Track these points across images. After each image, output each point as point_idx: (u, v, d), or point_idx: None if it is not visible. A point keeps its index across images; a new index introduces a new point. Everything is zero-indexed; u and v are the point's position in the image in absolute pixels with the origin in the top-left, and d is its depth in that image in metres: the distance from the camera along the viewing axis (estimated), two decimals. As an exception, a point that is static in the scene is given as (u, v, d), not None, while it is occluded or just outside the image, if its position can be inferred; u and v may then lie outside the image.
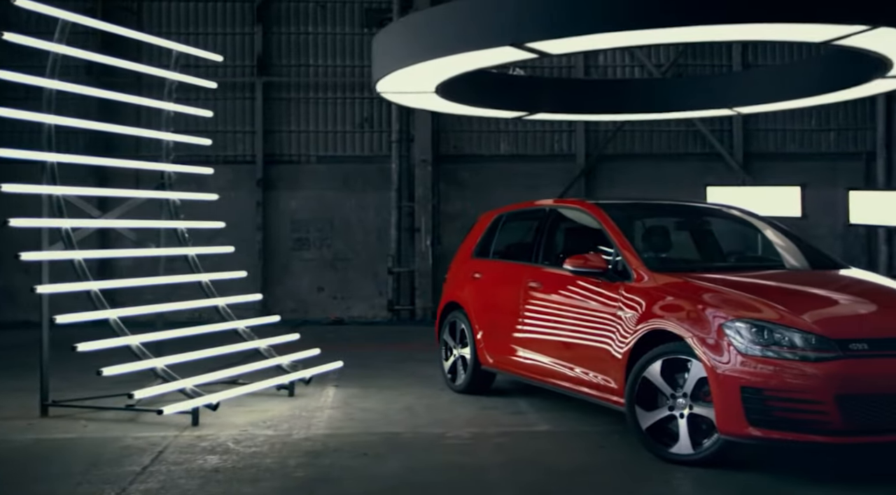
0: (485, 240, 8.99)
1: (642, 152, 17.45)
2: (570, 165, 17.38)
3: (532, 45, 6.99)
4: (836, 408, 5.61)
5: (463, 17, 7.31)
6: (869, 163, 17.33)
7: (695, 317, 6.15)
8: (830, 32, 6.93)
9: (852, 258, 17.15)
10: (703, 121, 16.92)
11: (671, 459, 6.20)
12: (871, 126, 17.24)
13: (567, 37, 6.75)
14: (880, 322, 6.08)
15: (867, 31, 6.74)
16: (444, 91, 9.34)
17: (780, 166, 17.20)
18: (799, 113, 17.31)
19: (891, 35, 6.95)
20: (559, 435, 7.21)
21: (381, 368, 10.59)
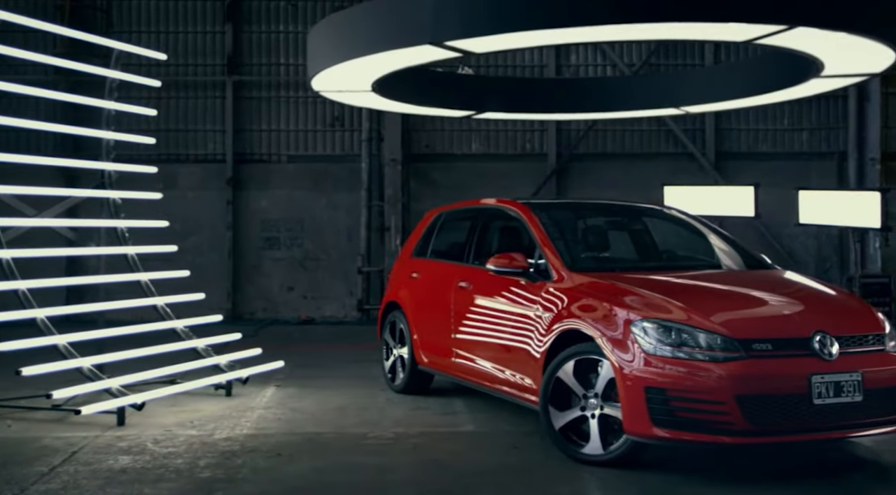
0: (424, 239, 8.98)
1: (614, 151, 17.39)
2: (542, 165, 17.33)
3: (452, 44, 6.95)
4: (737, 409, 5.60)
5: (383, 15, 7.29)
6: (841, 163, 17.27)
7: (605, 318, 6.14)
8: (751, 32, 6.90)
9: (824, 257, 17.16)
10: (676, 120, 16.89)
11: (582, 460, 6.20)
12: (843, 126, 17.19)
13: (485, 35, 6.72)
14: (786, 322, 6.06)
15: (785, 31, 6.71)
16: (384, 89, 9.31)
17: (753, 166, 17.14)
18: (771, 112, 17.28)
19: (811, 35, 6.92)
20: (480, 435, 7.19)
21: (332, 368, 10.58)
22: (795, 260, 16.90)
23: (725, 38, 7.61)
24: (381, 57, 7.42)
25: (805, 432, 5.78)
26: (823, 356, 5.81)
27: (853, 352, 5.94)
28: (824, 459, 6.45)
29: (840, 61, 7.96)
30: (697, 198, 11.46)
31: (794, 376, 5.71)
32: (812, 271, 17.04)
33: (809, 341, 5.84)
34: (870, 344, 6.08)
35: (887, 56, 7.67)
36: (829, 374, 5.75)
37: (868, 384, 5.84)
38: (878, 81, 16.78)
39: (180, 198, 16.89)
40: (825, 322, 6.02)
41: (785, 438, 5.79)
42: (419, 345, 8.48)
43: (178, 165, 16.96)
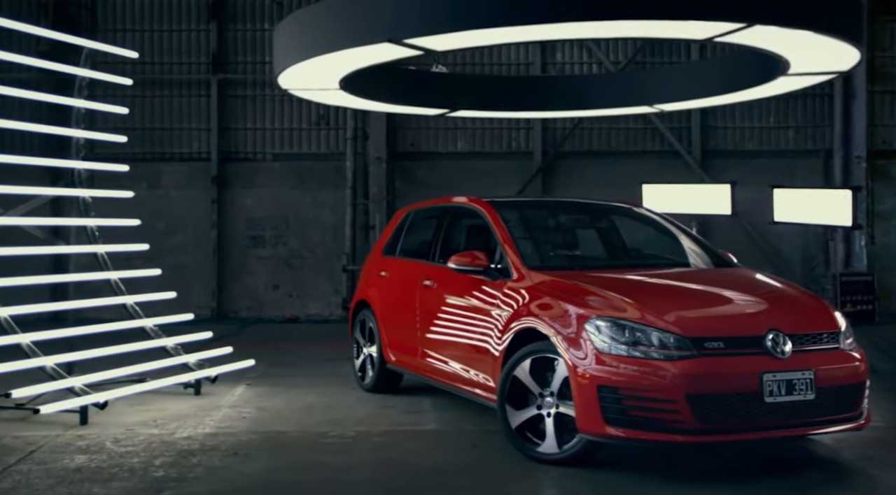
0: (394, 237, 8.97)
1: (600, 150, 17.39)
2: (527, 163, 17.33)
3: (412, 42, 6.94)
4: (688, 407, 5.59)
5: (344, 12, 7.27)
6: (827, 161, 17.25)
7: (560, 316, 6.13)
8: (710, 30, 6.89)
9: (811, 255, 17.12)
10: (662, 118, 16.88)
11: (538, 458, 6.19)
12: (829, 124, 17.17)
13: (443, 33, 6.70)
14: (740, 321, 6.06)
15: (744, 29, 6.70)
16: (353, 87, 9.30)
17: (739, 164, 17.14)
18: (757, 110, 17.27)
19: (770, 34, 6.91)
20: (442, 434, 7.18)
21: (306, 367, 10.57)
22: (782, 258, 16.89)
23: (686, 36, 7.60)
24: (343, 54, 7.40)
25: (757, 430, 5.77)
26: (776, 354, 5.80)
27: (806, 350, 5.93)
28: (782, 457, 6.43)
29: (805, 59, 7.95)
30: (675, 196, 11.44)
31: (746, 374, 5.70)
32: (798, 269, 17.04)
33: (762, 339, 5.83)
34: (824, 342, 6.07)
35: (852, 54, 7.66)
36: (781, 372, 5.74)
37: (821, 382, 5.83)
38: (863, 79, 16.79)
39: (165, 197, 16.93)
40: (779, 320, 6.01)
41: (736, 436, 5.78)
42: (387, 344, 8.47)
43: (162, 164, 16.99)
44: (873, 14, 16.92)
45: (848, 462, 6.32)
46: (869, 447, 6.63)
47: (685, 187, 11.50)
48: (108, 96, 16.52)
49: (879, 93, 17.15)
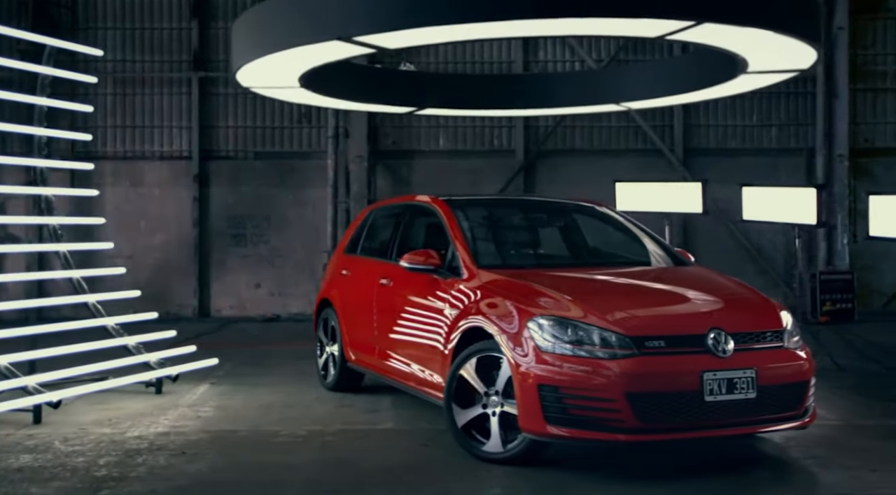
0: (356, 235, 8.96)
1: (582, 148, 17.35)
2: (510, 161, 17.29)
3: (362, 40, 6.91)
4: (628, 406, 5.58)
5: (295, 9, 7.24)
6: (810, 160, 17.20)
7: (505, 314, 6.12)
8: (661, 28, 6.87)
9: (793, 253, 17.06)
10: (644, 117, 16.86)
11: (484, 457, 6.18)
12: (811, 122, 17.12)
13: (391, 31, 6.68)
14: (682, 320, 6.06)
15: (693, 26, 6.68)
16: (315, 85, 9.27)
17: (721, 162, 17.11)
18: (740, 109, 17.26)
19: (720, 31, 6.89)
20: (396, 433, 7.17)
21: (276, 365, 10.54)
22: (763, 256, 16.87)
23: (638, 34, 7.59)
24: (295, 52, 7.38)
25: (697, 429, 5.76)
26: (717, 353, 5.78)
27: (749, 348, 5.92)
28: (729, 455, 6.43)
29: (761, 58, 7.93)
30: (648, 194, 11.42)
31: (686, 373, 5.69)
32: (780, 266, 17.03)
33: (704, 338, 5.82)
34: (767, 340, 6.05)
35: (808, 52, 7.64)
36: (722, 371, 5.73)
37: (762, 380, 5.82)
38: (846, 77, 16.77)
39: (147, 195, 16.94)
40: (722, 319, 6.00)
41: (677, 435, 5.77)
42: (347, 343, 8.47)
43: (144, 162, 16.98)
44: (855, 12, 16.90)
45: (793, 460, 6.31)
46: (817, 445, 6.62)
47: (658, 185, 11.48)
48: (89, 95, 16.59)
49: (862, 91, 17.11)
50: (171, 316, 16.44)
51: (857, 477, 5.84)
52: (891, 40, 17.14)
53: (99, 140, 16.76)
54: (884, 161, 17.13)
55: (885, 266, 16.68)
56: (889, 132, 17.21)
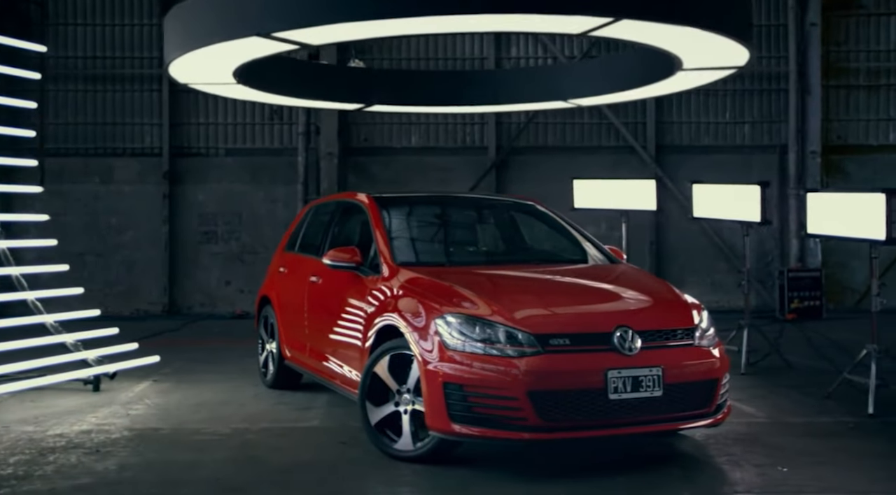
0: (295, 233, 8.95)
1: (555, 145, 17.29)
2: (482, 158, 17.24)
3: (281, 35, 6.87)
4: (530, 404, 5.55)
5: (215, 5, 7.19)
6: (783, 157, 17.14)
7: (415, 312, 6.10)
8: (582, 24, 6.82)
9: (766, 251, 17.02)
10: (617, 113, 16.83)
11: (395, 455, 6.16)
12: (784, 119, 17.06)
13: (309, 27, 6.63)
14: (589, 318, 6.02)
15: (612, 23, 6.63)
16: (255, 82, 9.23)
17: (694, 159, 17.06)
18: (713, 106, 17.20)
19: (643, 28, 6.84)
20: (319, 431, 7.14)
21: (226, 363, 10.49)
22: (735, 254, 16.79)
23: (561, 30, 7.54)
24: (218, 49, 7.33)
25: (602, 427, 5.74)
26: (623, 351, 5.75)
27: (656, 346, 5.88)
28: (643, 453, 6.40)
29: (693, 55, 7.88)
30: (604, 191, 11.37)
31: (590, 371, 5.65)
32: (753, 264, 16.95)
33: (610, 336, 5.79)
34: (678, 338, 6.02)
35: (739, 49, 7.59)
36: (627, 369, 5.69)
37: (670, 378, 5.78)
38: (818, 74, 16.69)
39: (117, 193, 16.89)
40: (630, 317, 5.97)
41: (581, 434, 5.74)
42: (284, 341, 8.45)
43: (114, 159, 16.93)
44: (828, 9, 16.83)
45: (707, 458, 6.28)
46: (736, 443, 6.59)
47: (614, 182, 11.43)
48: (60, 91, 16.60)
49: (835, 88, 17.03)
50: (141, 313, 16.47)
51: (765, 475, 5.81)
52: (864, 37, 17.06)
53: (69, 136, 16.75)
54: (856, 158, 17.06)
55: (857, 263, 16.59)
56: (862, 129, 17.13)
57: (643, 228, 16.60)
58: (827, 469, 5.92)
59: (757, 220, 9.31)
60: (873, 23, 17.06)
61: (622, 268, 7.23)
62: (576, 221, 8.02)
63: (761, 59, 17.14)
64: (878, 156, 17.03)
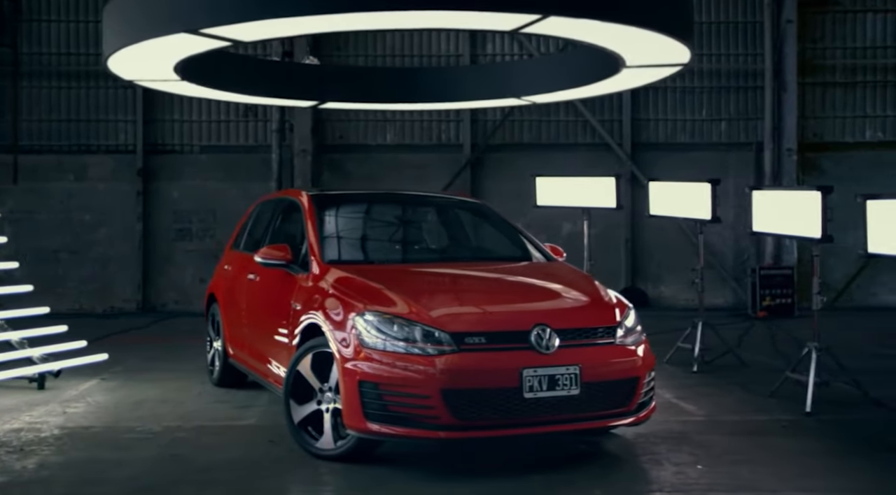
0: (241, 231, 8.92)
1: (531, 142, 17.25)
2: (457, 156, 17.20)
3: (210, 32, 6.83)
4: (443, 403, 5.52)
5: (145, 2, 7.14)
6: (759, 154, 17.09)
7: (335, 310, 6.08)
8: (512, 21, 6.79)
9: (742, 249, 16.97)
10: (593, 111, 16.79)
11: (317, 454, 6.15)
12: (760, 116, 17.00)
13: (237, 23, 6.59)
14: (507, 316, 6.00)
15: (541, 20, 6.59)
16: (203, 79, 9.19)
17: (671, 157, 17.01)
18: (689, 103, 17.15)
19: (575, 24, 6.80)
20: (252, 429, 7.10)
21: (180, 360, 10.45)
22: (711, 251, 16.76)
23: (491, 27, 7.50)
24: (150, 46, 7.28)
25: (517, 426, 5.71)
26: (540, 349, 5.71)
27: (575, 345, 5.84)
28: (566, 452, 6.37)
29: (633, 51, 7.84)
30: (566, 188, 11.33)
31: (504, 370, 5.62)
32: (729, 262, 16.96)
33: (528, 334, 5.75)
34: (598, 337, 5.98)
35: (676, 45, 7.54)
36: (544, 368, 5.66)
37: (588, 377, 5.75)
38: (794, 72, 16.64)
39: (91, 189, 16.86)
40: (550, 316, 5.93)
41: (495, 432, 5.71)
42: (227, 338, 8.43)
43: (88, 156, 16.90)
44: (804, 6, 16.77)
45: (630, 456, 6.26)
46: (664, 441, 6.57)
47: (575, 180, 11.38)
48: (34, 88, 16.58)
49: (811, 85, 16.98)
50: (116, 310, 16.46)
51: (682, 474, 5.78)
52: (840, 34, 17.00)
53: (43, 133, 16.72)
54: (832, 155, 17.00)
55: (833, 261, 16.54)
56: (838, 127, 17.07)
57: (618, 226, 16.58)
58: (744, 467, 5.89)
59: (708, 218, 9.26)
60: (849, 20, 16.99)
61: (555, 267, 7.19)
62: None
63: (738, 57, 17.12)
64: (854, 153, 16.97)
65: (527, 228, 16.86)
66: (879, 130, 17.02)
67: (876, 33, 16.96)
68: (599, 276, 16.79)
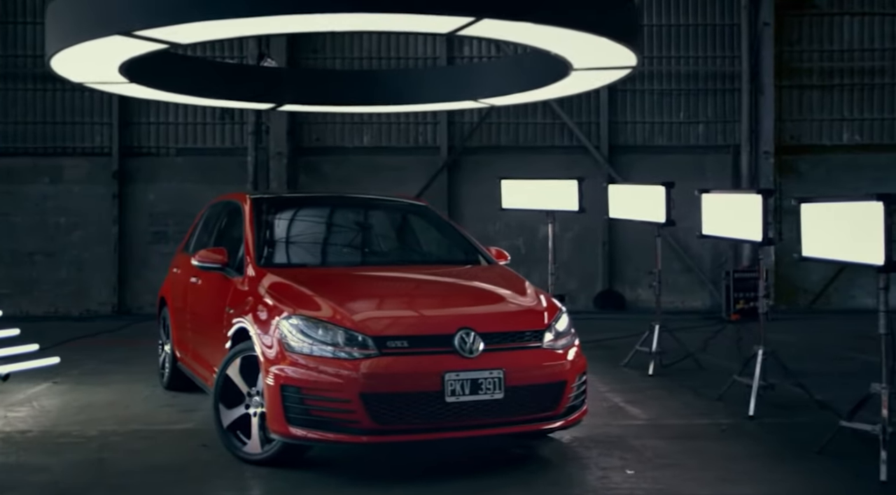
0: (191, 234, 8.89)
1: (508, 145, 17.20)
2: (434, 158, 17.16)
3: (145, 34, 6.79)
4: (363, 407, 5.49)
5: (80, 4, 7.11)
6: (736, 157, 17.05)
7: (263, 314, 6.04)
8: (447, 24, 6.75)
9: (720, 252, 16.93)
10: (570, 113, 16.76)
11: (245, 458, 6.12)
12: (738, 119, 16.96)
13: (172, 25, 6.55)
14: (430, 320, 5.95)
15: (475, 22, 6.55)
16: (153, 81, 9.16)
17: (648, 159, 16.97)
18: (667, 106, 17.11)
19: (508, 27, 6.77)
20: (187, 433, 7.06)
21: (139, 364, 10.38)
22: (690, 254, 16.75)
23: (427, 30, 7.47)
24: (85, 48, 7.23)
25: (438, 430, 5.66)
26: (464, 353, 5.67)
27: (500, 348, 5.79)
28: (496, 456, 6.33)
29: (578, 54, 7.80)
30: (531, 191, 11.30)
31: (426, 374, 5.59)
32: (707, 265, 16.92)
33: (452, 338, 5.71)
34: (525, 340, 5.94)
35: (619, 48, 7.50)
36: (466, 372, 5.62)
37: (512, 381, 5.71)
38: (771, 74, 16.59)
39: (66, 192, 16.83)
40: (475, 319, 5.89)
41: (416, 437, 5.68)
42: (175, 342, 8.39)
43: (64, 158, 16.88)
44: (781, 8, 16.73)
45: (560, 461, 6.24)
46: (599, 445, 6.54)
47: (539, 183, 11.34)
48: (10, 90, 16.57)
49: (787, 88, 16.93)
50: (91, 313, 16.42)
51: (606, 478, 5.75)
52: (817, 37, 16.95)
53: (18, 136, 16.71)
54: (809, 158, 16.96)
55: (811, 264, 16.41)
56: (815, 129, 17.03)
57: (595, 229, 16.54)
58: (669, 472, 5.85)
59: (662, 221, 9.22)
60: (826, 23, 16.94)
61: (491, 271, 7.12)
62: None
63: (715, 59, 17.09)
64: (831, 156, 16.92)
65: (504, 230, 17.08)
66: (857, 133, 16.97)
67: (853, 36, 16.91)
68: (576, 279, 16.88)
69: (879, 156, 16.81)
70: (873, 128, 16.97)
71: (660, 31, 17.06)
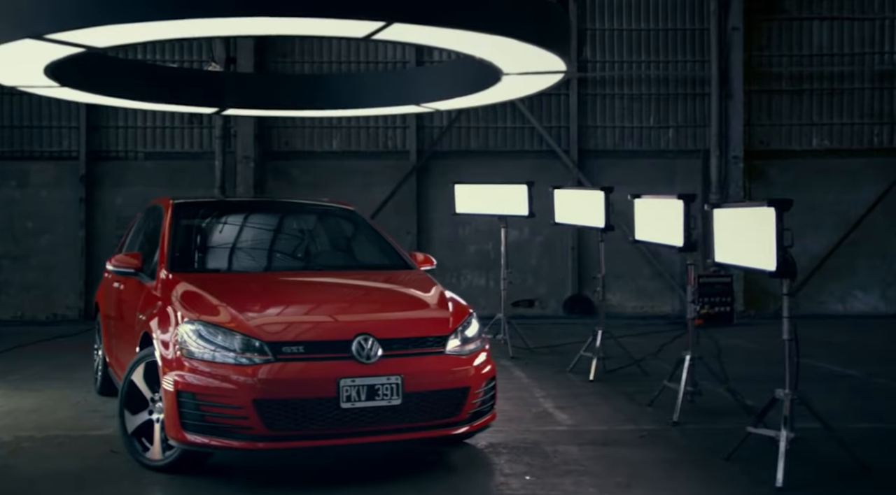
0: (124, 238, 8.84)
1: (477, 149, 17.15)
2: (403, 163, 17.11)
3: (57, 37, 6.74)
4: (255, 413, 5.44)
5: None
6: (706, 161, 16.98)
7: (164, 320, 5.99)
8: (361, 28, 6.70)
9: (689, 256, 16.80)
10: (539, 118, 16.72)
11: (147, 465, 6.07)
12: (707, 123, 16.90)
13: (78, 29, 6.50)
14: (328, 325, 5.91)
15: (386, 26, 6.50)
16: (86, 85, 9.11)
17: (618, 164, 16.92)
18: (637, 111, 17.05)
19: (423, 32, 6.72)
20: (103, 439, 6.95)
21: (84, 369, 10.18)
22: (659, 259, 16.70)
23: (342, 34, 7.42)
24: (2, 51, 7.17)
25: (333, 436, 5.61)
26: (361, 359, 5.62)
27: (399, 354, 5.74)
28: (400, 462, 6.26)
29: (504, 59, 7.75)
30: (483, 195, 11.26)
31: (321, 380, 5.54)
32: (677, 268, 16.83)
33: (349, 344, 5.65)
34: (427, 346, 5.88)
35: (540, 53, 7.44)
36: (363, 378, 5.57)
37: (410, 387, 5.66)
38: (740, 79, 16.54)
39: (34, 196, 16.80)
40: (375, 325, 5.84)
41: (310, 443, 5.63)
42: (105, 346, 8.35)
43: (31, 162, 16.85)
44: (750, 13, 16.68)
45: (465, 467, 6.19)
46: (512, 451, 6.51)
47: (491, 187, 11.32)
48: (-22, 95, 16.52)
49: (756, 92, 16.87)
50: (59, 317, 16.38)
51: (505, 484, 5.70)
52: (786, 41, 16.90)
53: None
54: (779, 163, 16.90)
55: (780, 269, 16.39)
56: (784, 134, 16.97)
57: (564, 234, 16.47)
58: (570, 479, 5.79)
59: (601, 226, 9.17)
60: (795, 27, 16.90)
61: (407, 276, 7.06)
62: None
63: (685, 64, 17.04)
64: (800, 161, 16.87)
65: (473, 235, 17.00)
66: (826, 138, 16.92)
67: (822, 41, 16.86)
68: (546, 284, 16.76)
69: (849, 160, 16.75)
70: (843, 132, 16.91)
71: (629, 35, 17.02)
